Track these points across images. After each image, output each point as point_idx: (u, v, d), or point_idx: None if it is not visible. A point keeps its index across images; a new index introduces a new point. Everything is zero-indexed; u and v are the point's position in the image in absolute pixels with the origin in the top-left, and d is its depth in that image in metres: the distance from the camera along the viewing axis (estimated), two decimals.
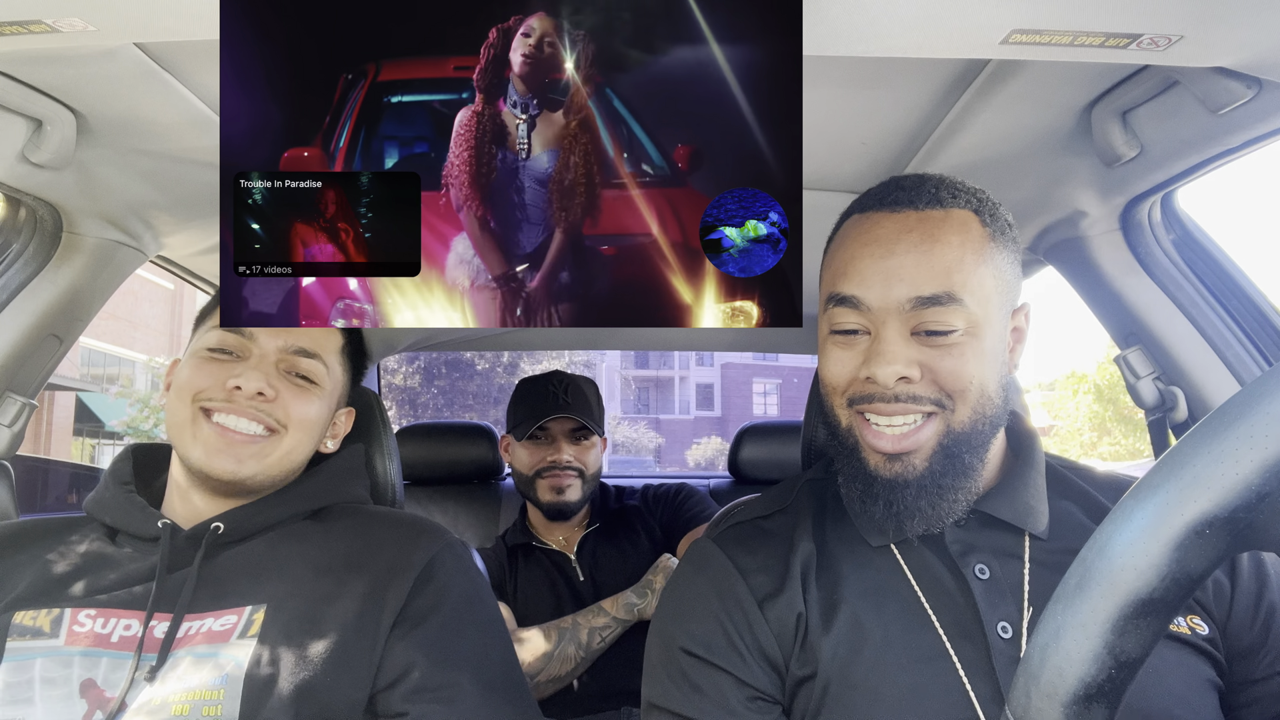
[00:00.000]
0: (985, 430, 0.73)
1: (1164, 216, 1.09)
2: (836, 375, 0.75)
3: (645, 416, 31.14)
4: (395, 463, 1.21)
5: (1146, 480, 0.37)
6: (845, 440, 0.76)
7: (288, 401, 0.93)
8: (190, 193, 1.14)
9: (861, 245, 0.74)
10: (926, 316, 0.70)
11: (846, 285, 0.74)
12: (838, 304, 0.74)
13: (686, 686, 0.74)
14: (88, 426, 16.94)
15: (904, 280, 0.71)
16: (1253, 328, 1.05)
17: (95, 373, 17.15)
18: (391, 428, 1.23)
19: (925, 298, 0.70)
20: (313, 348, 0.96)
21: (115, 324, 16.91)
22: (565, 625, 1.49)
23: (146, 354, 17.84)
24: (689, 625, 0.76)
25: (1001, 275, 0.74)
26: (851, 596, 0.74)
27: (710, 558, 0.80)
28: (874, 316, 0.72)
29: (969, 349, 0.71)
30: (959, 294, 0.70)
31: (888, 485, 0.73)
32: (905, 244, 0.72)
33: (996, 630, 0.70)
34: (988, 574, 0.73)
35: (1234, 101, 0.76)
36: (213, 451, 0.88)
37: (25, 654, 0.81)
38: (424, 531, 0.95)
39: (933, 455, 0.72)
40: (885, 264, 0.72)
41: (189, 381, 0.91)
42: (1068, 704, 0.37)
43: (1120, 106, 0.87)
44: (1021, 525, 0.74)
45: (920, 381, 0.71)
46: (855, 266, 0.74)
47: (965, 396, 0.71)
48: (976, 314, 0.71)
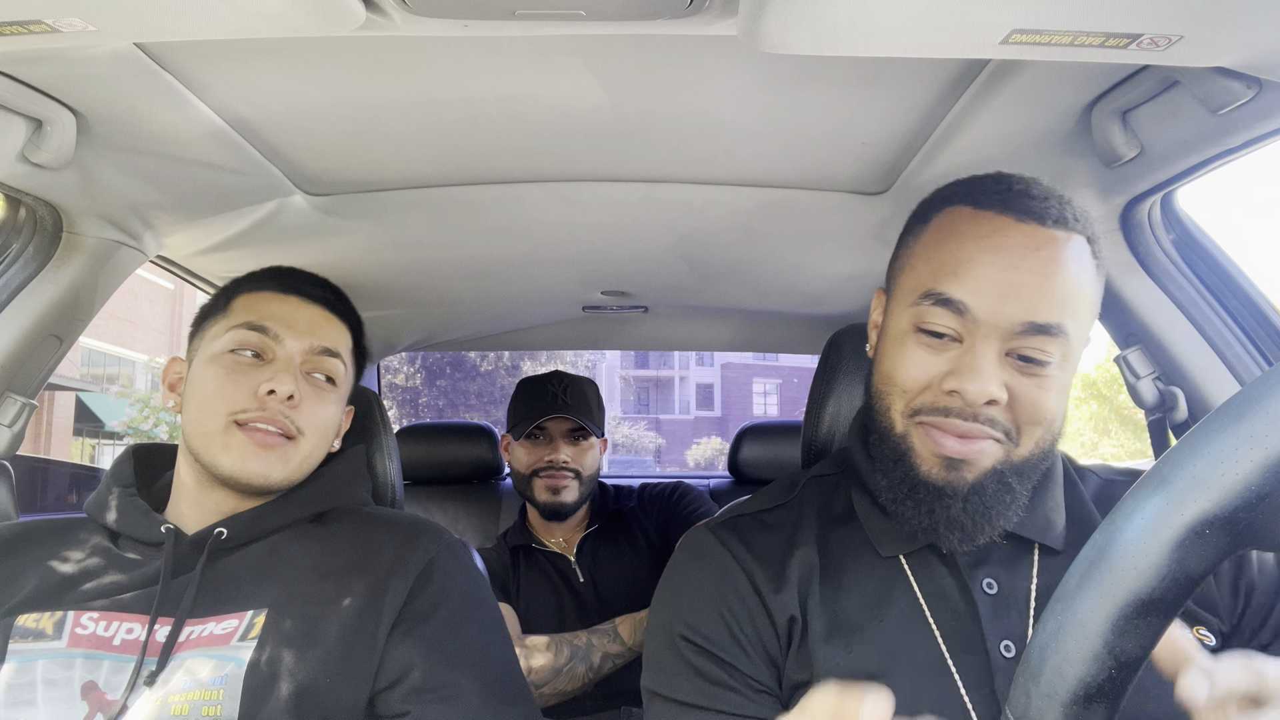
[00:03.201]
0: (1039, 463, 0.70)
1: (1164, 216, 1.09)
2: (911, 378, 0.69)
3: (645, 416, 31.14)
4: (395, 463, 1.21)
5: (1146, 480, 0.37)
6: (896, 446, 0.71)
7: (309, 409, 0.92)
8: (190, 193, 1.14)
9: (982, 250, 0.68)
10: (1030, 343, 0.66)
11: (956, 287, 0.67)
12: (937, 303, 0.68)
13: (691, 674, 0.72)
14: (88, 426, 16.93)
15: (1023, 301, 0.66)
16: (1253, 328, 1.05)
17: (95, 373, 17.15)
18: (391, 428, 1.23)
19: (1039, 325, 0.66)
20: (335, 346, 0.96)
21: (115, 324, 16.91)
22: (579, 644, 1.46)
23: (146, 354, 17.84)
24: (688, 615, 0.75)
25: (1096, 310, 0.71)
26: (853, 605, 0.72)
27: (708, 547, 0.79)
28: (976, 328, 0.67)
29: (1056, 383, 0.67)
30: (1068, 326, 0.66)
31: (935, 492, 0.68)
32: (1032, 262, 0.66)
33: (999, 649, 0.68)
34: (995, 589, 0.70)
35: (1234, 101, 0.76)
36: (246, 457, 0.88)
37: (28, 656, 0.81)
38: (423, 532, 0.95)
39: (986, 475, 0.68)
40: (1007, 277, 0.66)
41: (216, 390, 0.89)
42: (1068, 704, 0.37)
43: (1120, 106, 0.87)
44: (1040, 539, 0.72)
45: (1001, 407, 0.67)
46: (971, 271, 0.67)
47: (1035, 431, 0.68)
48: (1073, 347, 0.68)
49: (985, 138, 0.97)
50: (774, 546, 0.77)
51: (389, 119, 0.99)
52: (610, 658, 1.47)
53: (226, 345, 0.92)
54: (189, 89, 0.89)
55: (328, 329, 0.97)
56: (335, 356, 0.96)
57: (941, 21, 0.63)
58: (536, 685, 1.41)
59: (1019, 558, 0.73)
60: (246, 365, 0.91)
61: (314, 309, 0.97)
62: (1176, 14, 0.62)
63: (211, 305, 1.00)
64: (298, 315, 0.95)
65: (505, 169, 1.15)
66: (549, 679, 1.42)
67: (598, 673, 1.46)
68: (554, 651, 1.44)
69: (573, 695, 1.47)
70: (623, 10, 0.67)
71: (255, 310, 0.94)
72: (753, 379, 31.52)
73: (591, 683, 1.46)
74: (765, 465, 2.26)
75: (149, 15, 0.65)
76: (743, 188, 1.20)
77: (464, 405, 19.54)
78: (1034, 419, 0.67)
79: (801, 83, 0.90)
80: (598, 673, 1.46)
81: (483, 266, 1.55)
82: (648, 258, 1.51)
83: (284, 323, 0.93)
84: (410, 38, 0.78)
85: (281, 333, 0.92)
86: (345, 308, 1.02)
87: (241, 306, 0.96)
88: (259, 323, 0.92)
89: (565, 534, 1.72)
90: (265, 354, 0.92)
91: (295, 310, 0.96)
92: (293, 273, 1.02)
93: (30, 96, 0.85)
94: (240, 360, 0.91)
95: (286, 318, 0.94)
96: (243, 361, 0.91)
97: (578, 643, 1.46)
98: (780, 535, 0.78)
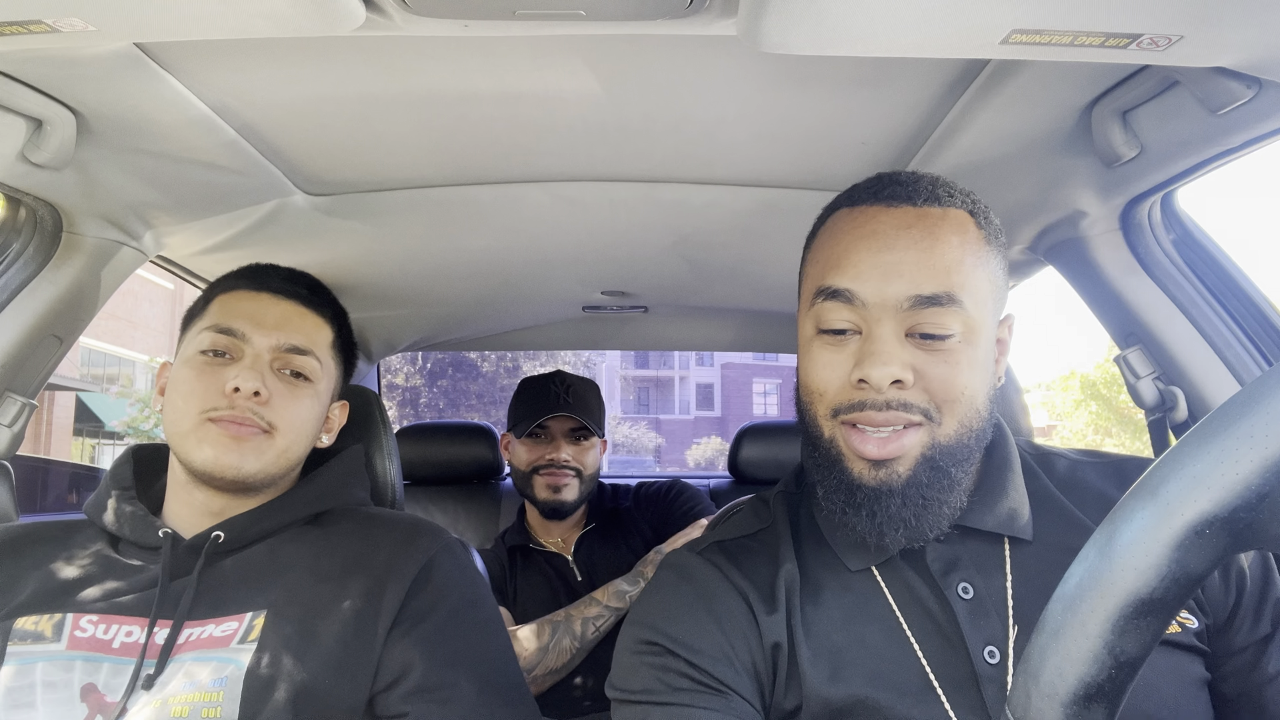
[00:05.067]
0: (971, 444, 0.69)
1: (1164, 216, 1.09)
2: (823, 380, 0.70)
3: (645, 416, 31.15)
4: (395, 463, 1.21)
5: (1146, 480, 0.37)
6: (828, 452, 0.71)
7: (280, 403, 0.92)
8: (190, 193, 1.14)
9: (857, 238, 0.70)
10: (923, 318, 0.67)
11: (839, 278, 0.69)
12: (828, 298, 0.70)
13: (669, 676, 0.69)
14: (88, 426, 16.94)
15: (904, 277, 0.67)
16: (1253, 328, 1.05)
17: (95, 373, 17.15)
18: (392, 428, 1.23)
19: (925, 297, 0.67)
20: (305, 344, 0.96)
21: (115, 324, 16.91)
22: (558, 619, 1.48)
23: (146, 354, 17.85)
24: (671, 628, 0.71)
25: (995, 281, 0.72)
26: (833, 628, 0.70)
27: (697, 567, 0.76)
28: (868, 314, 0.68)
29: (963, 356, 0.68)
30: (958, 295, 0.67)
31: (871, 494, 0.68)
32: (905, 240, 0.69)
33: (984, 656, 0.67)
34: (971, 593, 0.69)
35: (1234, 101, 0.76)
36: (219, 451, 0.88)
37: (27, 658, 0.81)
38: (422, 533, 0.95)
39: (917, 465, 0.68)
40: (884, 258, 0.68)
41: (189, 390, 0.90)
42: (1068, 704, 0.37)
43: (1120, 106, 0.87)
44: (1008, 533, 0.72)
45: (912, 388, 0.67)
46: (850, 259, 0.70)
47: (955, 408, 0.68)
48: (973, 318, 0.68)
49: (985, 138, 0.96)
50: (761, 568, 0.75)
51: (389, 119, 0.99)
52: (590, 621, 1.48)
53: (198, 347, 0.93)
54: (189, 89, 0.89)
55: (299, 324, 0.97)
56: (305, 354, 0.96)
57: (941, 21, 0.63)
58: (527, 670, 1.42)
59: (990, 555, 0.72)
60: (215, 365, 0.92)
61: (285, 305, 0.97)
62: (1176, 14, 0.62)
63: (194, 307, 1.01)
64: (267, 313, 0.96)
65: (505, 169, 1.15)
66: (538, 660, 1.44)
67: (583, 641, 1.47)
68: (535, 632, 1.46)
69: (563, 672, 1.48)
70: (623, 10, 0.67)
71: (226, 310, 0.96)
72: (753, 379, 31.52)
73: (581, 652, 1.48)
74: (765, 465, 2.26)
75: (149, 15, 0.65)
76: (743, 188, 1.20)
77: (464, 405, 19.54)
78: (949, 395, 0.67)
79: (801, 83, 0.90)
80: (583, 641, 1.47)
81: (483, 266, 1.55)
82: (648, 258, 1.51)
83: (252, 320, 0.94)
84: (410, 38, 0.78)
85: (248, 331, 0.93)
86: (322, 301, 1.02)
87: (215, 307, 0.97)
88: (226, 324, 0.94)
89: (563, 533, 1.72)
90: (233, 353, 0.93)
91: (265, 308, 0.96)
92: (266, 269, 1.02)
93: (30, 96, 0.85)
94: (209, 361, 0.92)
95: (255, 315, 0.95)
96: (211, 362, 0.92)
97: (557, 618, 1.48)
98: (765, 557, 0.76)
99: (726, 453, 2.37)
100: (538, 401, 1.70)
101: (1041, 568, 0.71)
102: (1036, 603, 0.68)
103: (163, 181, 1.08)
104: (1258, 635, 0.69)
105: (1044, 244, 1.20)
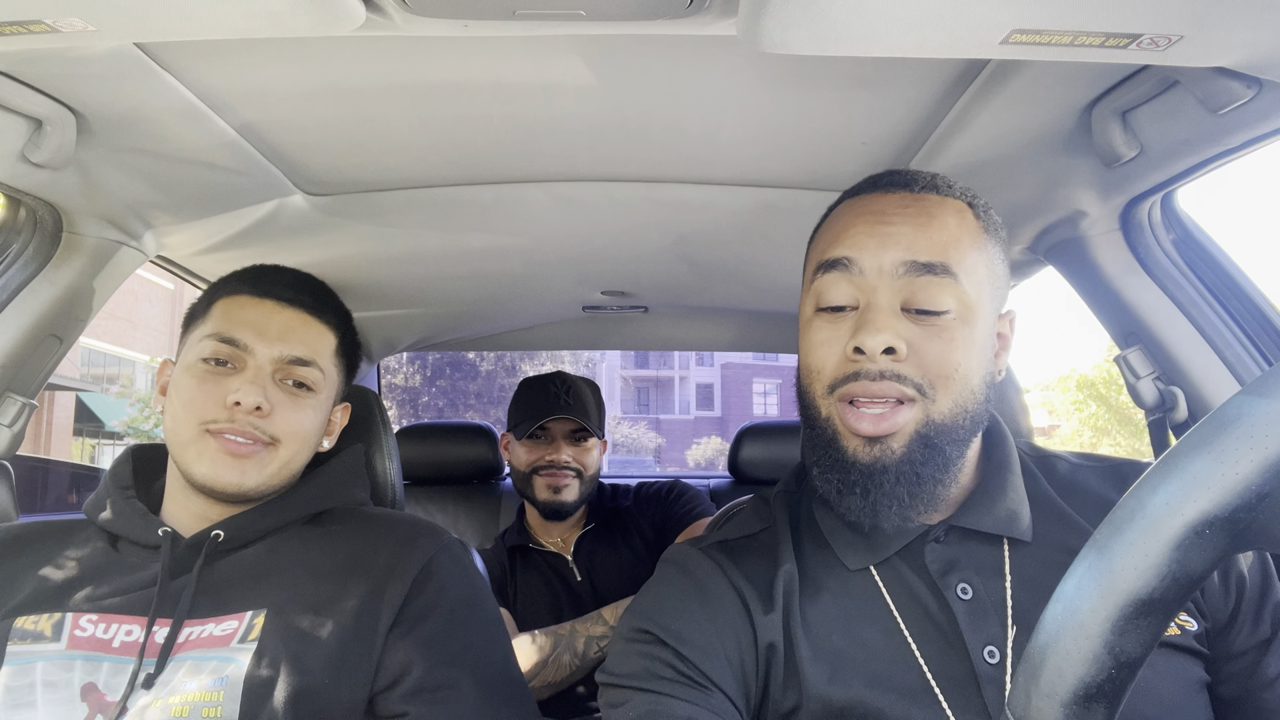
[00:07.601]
0: (966, 425, 0.70)
1: (1164, 216, 1.09)
2: (820, 356, 0.71)
3: (645, 416, 31.15)
4: (395, 463, 1.21)
5: (1146, 480, 0.37)
6: (824, 431, 0.72)
7: (282, 416, 0.91)
8: (190, 193, 1.14)
9: (855, 215, 0.73)
10: (918, 287, 0.69)
11: (838, 249, 0.72)
12: (826, 270, 0.72)
13: (656, 665, 0.69)
14: (88, 426, 16.94)
15: (900, 244, 0.69)
16: (1253, 328, 1.05)
17: (95, 373, 17.16)
18: (391, 428, 1.23)
19: (920, 264, 0.69)
20: (308, 355, 0.95)
21: (115, 324, 16.92)
22: (563, 632, 1.47)
23: (146, 354, 17.85)
24: (665, 619, 0.71)
25: (994, 268, 0.73)
26: (832, 628, 0.70)
27: (698, 562, 0.77)
28: (865, 283, 0.70)
29: (958, 334, 0.69)
30: (954, 268, 0.69)
31: (865, 471, 0.69)
32: (903, 215, 0.71)
33: (983, 655, 0.67)
34: (970, 593, 0.70)
35: (1234, 101, 0.76)
36: (219, 466, 0.88)
37: (27, 658, 0.81)
38: (422, 533, 0.95)
39: (911, 441, 0.68)
40: (880, 229, 0.71)
41: (189, 399, 0.89)
42: (1068, 704, 0.37)
43: (1120, 106, 0.87)
44: (1007, 533, 0.72)
45: (906, 361, 0.68)
46: (849, 232, 0.72)
47: (949, 385, 0.68)
48: (969, 296, 0.69)
49: (985, 138, 0.97)
50: (761, 567, 0.75)
51: (389, 119, 0.98)
52: (594, 640, 1.47)
53: (199, 354, 0.91)
54: (189, 89, 0.89)
55: (303, 334, 0.95)
56: (308, 365, 0.94)
57: (941, 21, 0.63)
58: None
59: (989, 556, 0.72)
60: (217, 375, 0.90)
61: (288, 314, 0.95)
62: (1176, 14, 0.62)
63: (195, 307, 1.00)
64: (270, 322, 0.94)
65: (505, 169, 1.15)
66: (536, 672, 1.43)
67: (584, 659, 1.46)
68: (537, 644, 1.45)
69: (563, 685, 1.47)
70: (623, 10, 0.67)
71: (229, 318, 0.93)
72: (753, 379, 31.52)
73: (580, 670, 1.47)
74: (765, 465, 2.26)
75: (149, 15, 0.65)
76: (743, 188, 1.20)
77: (464, 405, 19.55)
78: (942, 371, 0.68)
79: (801, 83, 0.90)
80: (584, 659, 1.46)
81: (483, 266, 1.55)
82: (648, 258, 1.51)
83: (255, 330, 0.92)
84: (410, 38, 0.78)
85: (251, 342, 0.91)
86: (326, 307, 1.00)
87: (218, 312, 0.95)
88: (228, 333, 0.92)
89: (563, 533, 1.72)
90: (235, 363, 0.91)
91: (268, 317, 0.94)
92: (271, 273, 1.00)
93: (30, 96, 0.85)
94: (211, 370, 0.91)
95: (258, 325, 0.93)
96: (213, 371, 0.90)
97: (561, 632, 1.47)
98: (765, 557, 0.76)
99: (726, 453, 2.37)
100: (538, 403, 1.70)
101: (1041, 569, 0.71)
102: (1036, 603, 0.68)
103: (163, 181, 1.08)
104: (1257, 639, 0.69)
105: (1044, 244, 1.20)
